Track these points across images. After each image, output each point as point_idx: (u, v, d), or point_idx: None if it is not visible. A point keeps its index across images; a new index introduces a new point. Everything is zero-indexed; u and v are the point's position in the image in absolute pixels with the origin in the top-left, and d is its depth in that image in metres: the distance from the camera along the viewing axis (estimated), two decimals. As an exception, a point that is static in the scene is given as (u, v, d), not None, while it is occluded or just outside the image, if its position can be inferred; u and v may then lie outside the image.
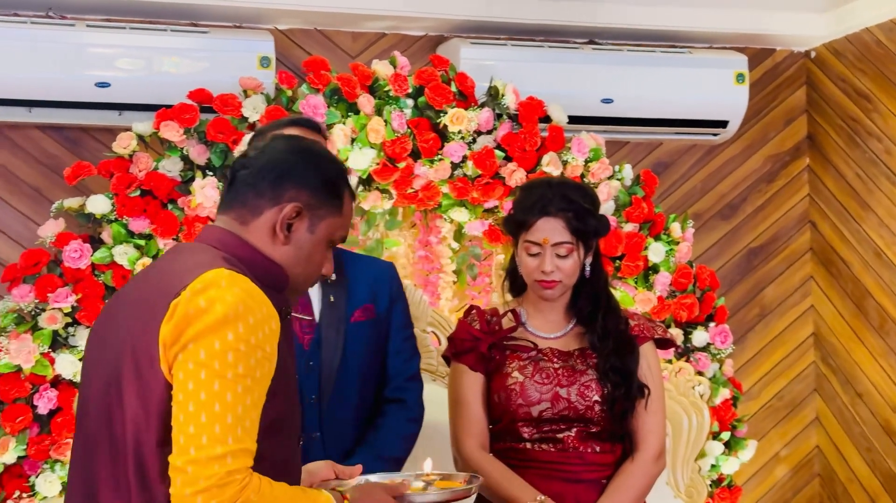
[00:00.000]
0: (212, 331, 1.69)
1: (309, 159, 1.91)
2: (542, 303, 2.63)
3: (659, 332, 2.67)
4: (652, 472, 2.58)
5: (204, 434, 1.66)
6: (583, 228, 2.54)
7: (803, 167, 4.54)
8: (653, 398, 2.58)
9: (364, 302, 2.58)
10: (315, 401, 2.48)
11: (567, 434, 2.55)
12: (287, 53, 3.91)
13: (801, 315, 4.52)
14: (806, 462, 4.52)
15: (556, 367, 2.57)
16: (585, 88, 4.02)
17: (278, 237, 1.87)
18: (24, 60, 3.50)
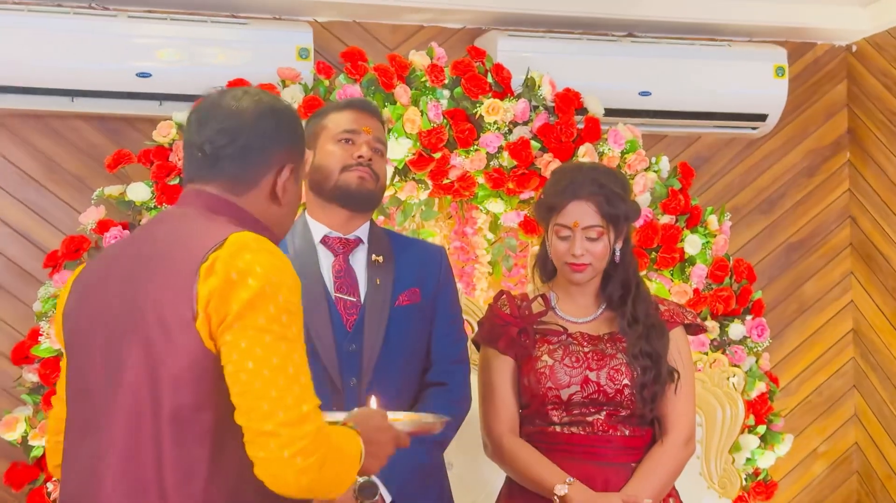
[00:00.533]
0: (264, 296, 1.74)
1: (286, 119, 1.95)
2: (571, 287, 2.63)
3: (689, 318, 2.68)
4: (682, 457, 2.58)
5: (288, 396, 1.72)
6: (613, 212, 2.55)
7: (844, 162, 4.50)
8: (682, 383, 2.58)
9: (410, 286, 2.56)
10: (355, 385, 2.47)
11: (597, 417, 2.55)
12: (326, 45, 3.94)
13: (840, 310, 4.48)
14: (844, 458, 4.48)
15: (585, 351, 2.57)
16: (623, 81, 4.01)
17: (277, 200, 1.93)
18: (67, 50, 3.56)
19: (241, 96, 1.93)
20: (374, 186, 2.53)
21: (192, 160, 1.93)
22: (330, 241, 2.56)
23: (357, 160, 2.51)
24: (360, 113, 2.58)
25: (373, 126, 2.57)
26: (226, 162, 1.90)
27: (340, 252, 2.55)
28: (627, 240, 2.63)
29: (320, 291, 2.50)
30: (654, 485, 2.53)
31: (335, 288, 2.52)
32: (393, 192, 3.60)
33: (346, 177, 2.51)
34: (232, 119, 1.90)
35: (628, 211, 2.59)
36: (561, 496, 2.48)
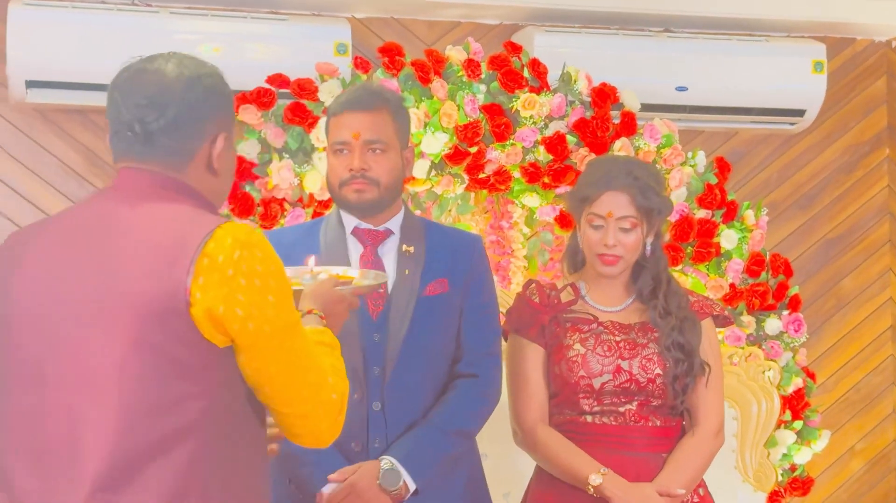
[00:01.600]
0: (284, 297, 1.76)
1: (214, 86, 1.87)
2: (601, 278, 2.64)
3: (717, 310, 2.69)
4: (712, 448, 2.59)
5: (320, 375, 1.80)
6: (647, 205, 2.56)
7: (883, 158, 4.48)
8: (712, 375, 2.59)
9: (438, 276, 2.55)
10: (379, 374, 2.49)
11: (628, 407, 2.56)
12: (363, 41, 3.97)
13: (879, 307, 4.45)
14: (882, 456, 4.45)
15: (617, 340, 2.58)
16: (660, 76, 4.01)
17: (214, 171, 1.87)
18: (109, 46, 3.61)
19: (163, 65, 1.84)
20: (376, 193, 2.51)
21: (122, 139, 1.84)
22: (360, 233, 2.58)
23: (350, 174, 2.51)
24: (350, 115, 2.53)
25: (365, 125, 2.51)
26: (158, 136, 1.81)
27: (370, 243, 2.57)
28: (659, 234, 2.64)
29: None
30: (687, 475, 2.54)
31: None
32: (429, 187, 3.63)
33: (344, 191, 2.53)
34: (158, 91, 1.81)
35: (662, 205, 2.60)
36: (596, 486, 2.48)
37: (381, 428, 2.48)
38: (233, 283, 1.70)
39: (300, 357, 1.78)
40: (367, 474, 2.41)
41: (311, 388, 1.79)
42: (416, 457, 2.44)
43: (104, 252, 1.77)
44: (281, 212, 3.48)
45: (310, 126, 3.46)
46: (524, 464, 3.32)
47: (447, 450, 2.50)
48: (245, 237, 1.74)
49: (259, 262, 1.73)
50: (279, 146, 3.47)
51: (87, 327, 1.74)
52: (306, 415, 1.80)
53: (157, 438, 1.71)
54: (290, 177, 3.44)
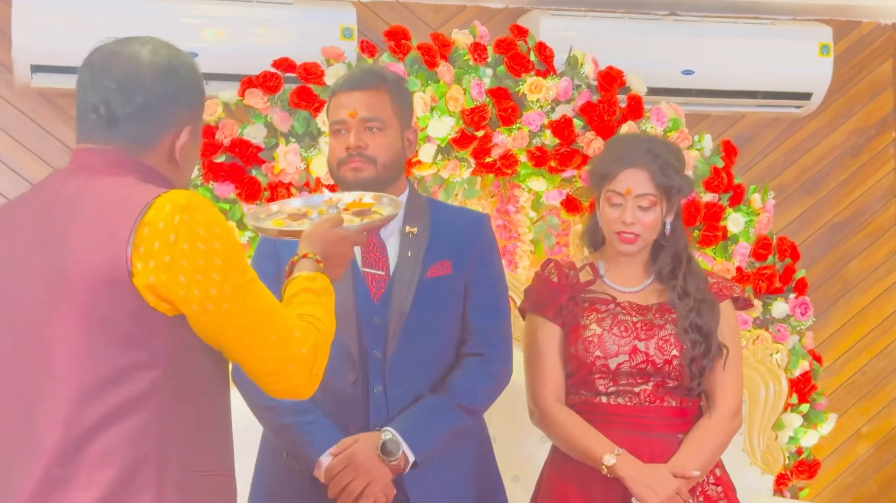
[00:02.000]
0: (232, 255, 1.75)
1: (185, 77, 1.85)
2: (620, 257, 2.62)
3: (737, 292, 2.67)
4: (729, 429, 2.58)
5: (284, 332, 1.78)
6: (667, 183, 2.53)
7: (889, 141, 4.47)
8: (730, 357, 2.58)
9: (442, 257, 2.53)
10: (380, 357, 2.47)
11: (644, 388, 2.55)
12: (369, 25, 3.96)
13: (885, 290, 4.45)
14: (888, 439, 4.46)
15: (634, 321, 2.57)
16: (665, 60, 4.00)
17: (175, 161, 1.85)
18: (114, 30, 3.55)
19: (137, 51, 1.82)
20: (373, 171, 2.49)
21: (86, 120, 1.83)
22: None
23: (347, 152, 2.50)
24: (348, 94, 2.51)
25: (362, 104, 2.49)
26: (123, 122, 1.80)
27: None
28: (679, 214, 2.62)
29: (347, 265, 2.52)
30: (702, 457, 2.53)
31: (363, 262, 2.52)
32: (435, 171, 3.63)
33: (342, 171, 2.51)
34: (128, 77, 1.80)
35: (682, 183, 2.57)
36: (609, 466, 2.48)
37: (383, 411, 2.47)
38: (175, 250, 1.70)
39: (258, 317, 1.77)
40: (366, 445, 2.41)
41: (275, 346, 1.78)
42: (417, 429, 2.44)
43: (53, 229, 1.77)
44: (288, 196, 3.47)
45: (316, 110, 3.46)
46: (533, 447, 3.34)
47: (449, 425, 2.48)
48: (185, 201, 1.72)
49: (201, 226, 1.72)
50: (285, 130, 3.47)
51: (38, 303, 1.76)
52: (277, 372, 1.80)
53: (108, 409, 1.71)
54: (296, 161, 3.43)
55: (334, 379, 2.38)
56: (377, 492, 2.39)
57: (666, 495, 2.46)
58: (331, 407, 2.45)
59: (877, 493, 4.45)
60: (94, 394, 1.72)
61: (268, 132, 3.46)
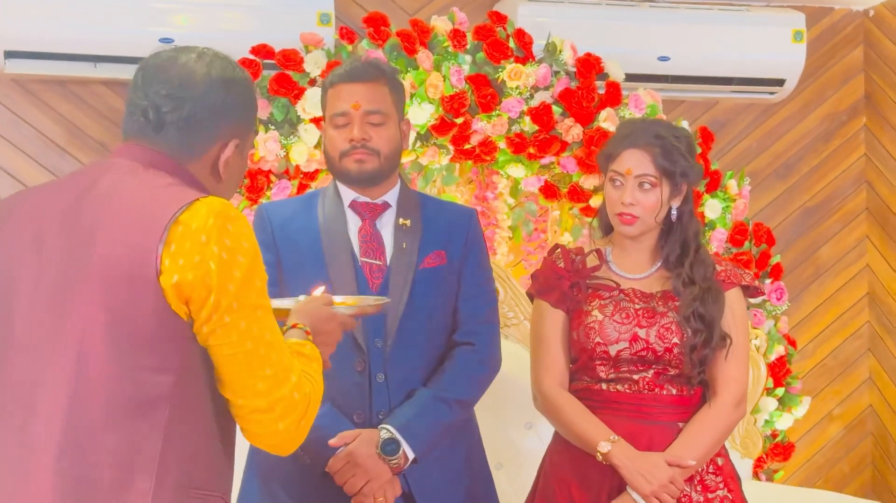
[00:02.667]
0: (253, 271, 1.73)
1: (237, 92, 1.85)
2: (627, 242, 2.61)
3: (746, 280, 2.63)
4: (730, 419, 2.56)
5: (280, 370, 1.74)
6: (669, 166, 2.52)
7: (860, 127, 4.52)
8: (735, 346, 2.55)
9: (436, 248, 2.57)
10: (380, 346, 2.50)
11: (644, 375, 2.54)
12: (346, 11, 3.95)
13: (856, 274, 4.51)
14: (859, 421, 4.53)
15: (636, 308, 2.56)
16: (642, 46, 4.02)
17: (218, 175, 1.85)
18: (89, 16, 3.57)
19: (193, 61, 1.82)
20: (377, 163, 2.51)
21: (134, 121, 1.83)
22: (358, 206, 2.58)
23: (351, 144, 2.50)
24: (349, 86, 2.52)
25: (364, 96, 2.51)
26: (169, 129, 1.80)
27: (367, 216, 2.57)
28: (688, 199, 2.59)
29: (347, 255, 2.53)
30: (700, 446, 2.52)
31: (361, 252, 2.54)
32: (414, 158, 3.62)
33: (345, 163, 2.52)
34: (180, 85, 1.80)
35: (687, 169, 2.54)
36: (604, 453, 2.48)
37: (385, 399, 2.49)
38: (206, 250, 1.68)
39: (257, 344, 1.73)
40: (366, 442, 2.42)
41: (268, 381, 1.73)
42: (415, 426, 2.45)
43: (84, 218, 1.75)
44: (267, 184, 3.46)
45: (295, 97, 3.44)
46: (516, 434, 3.36)
47: (446, 420, 2.51)
48: (220, 208, 1.72)
49: (229, 236, 1.70)
50: (265, 118, 3.45)
51: (58, 291, 1.73)
52: (261, 411, 1.74)
53: (113, 408, 1.69)
54: (276, 148, 3.42)
55: (342, 368, 2.40)
56: (376, 489, 2.41)
57: (659, 483, 2.45)
58: (337, 396, 2.46)
59: (848, 474, 4.53)
60: (100, 391, 1.69)
61: (247, 119, 3.44)
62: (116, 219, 1.73)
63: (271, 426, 1.75)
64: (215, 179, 1.86)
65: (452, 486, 2.56)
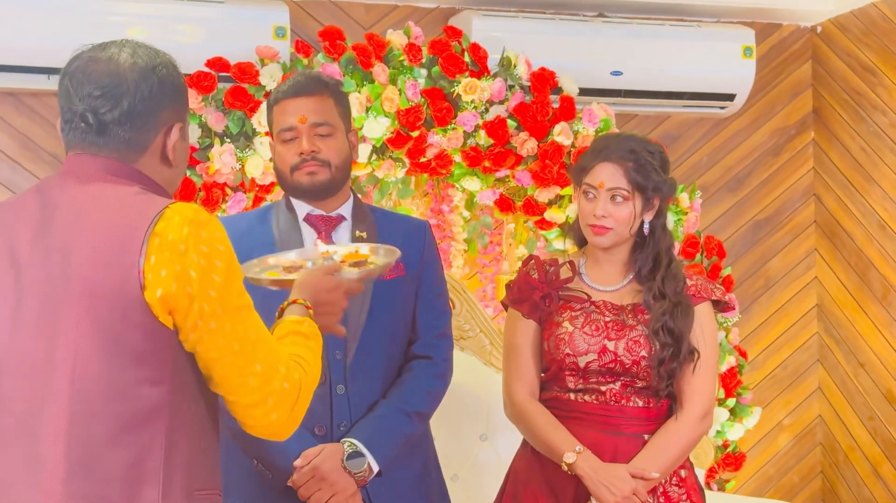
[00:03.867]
0: (232, 273, 1.75)
1: (167, 75, 1.84)
2: (599, 254, 2.64)
3: (717, 295, 2.66)
4: (696, 432, 2.59)
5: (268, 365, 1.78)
6: (641, 181, 2.55)
7: (808, 141, 4.60)
8: (703, 360, 2.57)
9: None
10: (340, 358, 2.51)
11: (611, 387, 2.57)
12: (302, 24, 3.95)
13: (805, 286, 4.58)
14: (808, 431, 4.59)
15: (606, 320, 2.59)
16: (595, 61, 4.06)
17: (168, 162, 1.86)
18: (42, 28, 3.55)
19: (116, 55, 1.81)
20: (328, 174, 2.52)
21: (74, 129, 1.81)
22: (313, 219, 2.58)
23: (301, 157, 2.51)
24: (294, 101, 2.52)
25: (310, 109, 2.51)
26: (112, 128, 1.79)
27: (323, 229, 2.57)
28: (661, 213, 2.63)
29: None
30: (664, 459, 2.54)
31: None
32: (370, 171, 3.64)
33: (296, 176, 2.52)
34: (110, 83, 1.78)
35: (660, 183, 2.57)
36: (569, 464, 2.51)
37: (346, 411, 2.50)
38: (185, 260, 1.70)
39: (243, 343, 1.76)
40: (330, 456, 2.43)
41: (258, 378, 1.77)
42: (379, 439, 2.47)
43: (57, 238, 1.75)
44: (223, 197, 3.46)
45: (251, 110, 3.44)
46: (471, 445, 3.38)
47: (408, 432, 2.53)
48: (192, 215, 1.73)
49: (205, 242, 1.72)
50: (220, 131, 3.45)
51: (40, 314, 1.73)
52: (254, 405, 1.78)
53: (114, 425, 1.71)
54: (231, 161, 3.42)
55: None
56: (341, 502, 2.41)
57: (622, 495, 2.48)
58: None
59: (798, 483, 4.59)
60: (101, 408, 1.71)
61: (202, 132, 3.44)
62: (90, 237, 1.73)
63: (265, 418, 1.79)
64: (166, 167, 1.86)
65: (410, 497, 2.57)
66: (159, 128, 1.84)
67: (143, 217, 1.72)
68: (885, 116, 4.29)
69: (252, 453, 2.48)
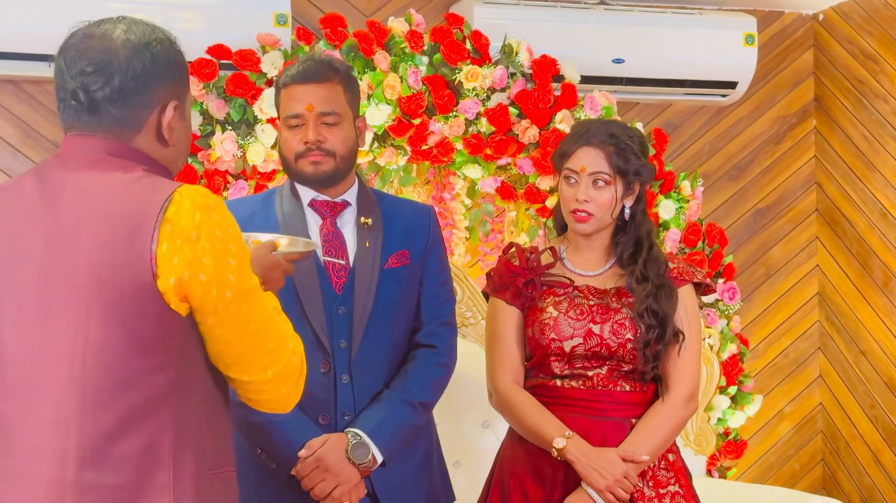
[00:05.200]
0: (243, 258, 1.75)
1: (162, 52, 1.80)
2: (581, 240, 2.65)
3: (698, 277, 2.68)
4: (682, 415, 2.60)
5: (279, 341, 1.80)
6: (622, 164, 2.56)
7: (810, 129, 4.59)
8: (687, 342, 2.59)
9: (399, 248, 2.56)
10: (345, 347, 2.49)
11: (598, 372, 2.57)
12: (303, 12, 3.95)
13: (806, 274, 4.58)
14: (809, 419, 4.60)
15: (590, 304, 2.59)
16: (597, 49, 4.05)
17: (164, 140, 1.81)
18: (41, 15, 3.54)
19: (110, 31, 1.77)
20: (332, 164, 2.50)
21: (67, 108, 1.78)
22: (317, 205, 2.56)
23: (306, 146, 2.49)
24: (302, 87, 2.49)
25: (318, 97, 2.48)
26: (104, 106, 1.76)
27: (328, 215, 2.56)
28: (641, 199, 2.64)
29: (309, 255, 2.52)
30: (653, 441, 2.55)
31: (323, 251, 2.52)
32: (372, 158, 3.63)
33: (300, 164, 2.51)
34: (103, 58, 1.74)
35: (640, 168, 2.59)
36: (559, 449, 2.51)
37: (350, 400, 2.49)
38: (197, 247, 1.68)
39: (259, 324, 1.76)
40: (334, 447, 2.42)
41: (270, 356, 1.78)
42: (383, 429, 2.46)
43: (58, 224, 1.72)
44: (224, 184, 3.45)
45: (252, 98, 3.44)
46: (473, 432, 3.38)
47: (412, 422, 2.52)
48: (202, 200, 1.71)
49: (217, 226, 1.71)
50: (221, 118, 3.44)
51: (45, 302, 1.71)
52: (267, 381, 1.79)
53: (123, 415, 1.69)
54: (233, 149, 3.41)
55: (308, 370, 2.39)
56: (345, 492, 2.41)
57: (613, 478, 2.48)
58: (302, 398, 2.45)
59: (799, 471, 4.60)
60: (111, 396, 1.69)
61: (203, 120, 3.43)
62: (97, 224, 1.70)
63: (275, 392, 1.82)
64: (162, 146, 1.82)
65: (413, 485, 2.57)
66: (153, 105, 1.79)
67: (153, 203, 1.69)
68: (886, 104, 4.28)
69: (255, 443, 2.47)
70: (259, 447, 2.47)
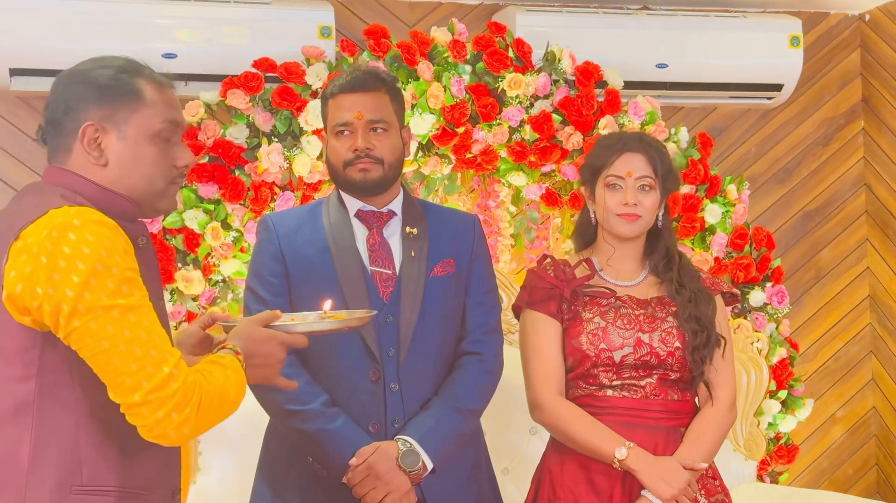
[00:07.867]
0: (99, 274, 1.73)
1: (78, 78, 1.88)
2: (616, 250, 2.65)
3: (724, 287, 2.71)
4: (728, 420, 2.61)
5: (148, 364, 1.74)
6: (663, 168, 2.60)
7: (858, 130, 4.55)
8: (727, 347, 2.62)
9: (445, 256, 2.58)
10: (393, 355, 2.51)
11: (648, 381, 2.57)
12: (346, 24, 3.98)
13: (856, 277, 4.54)
14: (862, 423, 4.55)
15: (636, 314, 2.59)
16: (640, 54, 4.05)
17: (95, 161, 1.86)
18: (93, 33, 3.60)
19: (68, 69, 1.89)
20: (381, 172, 2.53)
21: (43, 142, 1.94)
22: (364, 215, 2.59)
23: (355, 154, 2.52)
24: (350, 96, 2.53)
25: (366, 106, 2.52)
26: (48, 138, 1.89)
27: (374, 225, 2.58)
28: (667, 209, 2.67)
29: (356, 265, 2.54)
30: (707, 448, 2.56)
31: (370, 261, 2.55)
32: (416, 168, 3.66)
33: (349, 172, 2.53)
34: (50, 94, 1.89)
35: (675, 174, 2.65)
36: (621, 459, 2.49)
37: (399, 408, 2.51)
38: (34, 262, 1.73)
39: (117, 342, 1.73)
40: (385, 455, 2.44)
41: (134, 377, 1.73)
42: (433, 436, 2.48)
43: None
44: (271, 196, 3.49)
45: (298, 110, 3.47)
46: (521, 439, 3.38)
47: (461, 429, 2.54)
48: (63, 219, 1.75)
49: (68, 244, 1.73)
50: (267, 130, 3.48)
51: None
52: (136, 405, 1.74)
53: None
54: (279, 160, 3.45)
55: (357, 378, 2.45)
56: (396, 500, 2.43)
57: (678, 487, 2.47)
58: (352, 406, 2.48)
59: (852, 476, 4.54)
60: None
61: (250, 132, 3.48)
62: None
63: (149, 418, 1.74)
64: (100, 167, 1.87)
65: (462, 492, 2.58)
66: (74, 128, 1.86)
67: (17, 222, 1.78)
68: (936, 104, 4.24)
69: (307, 451, 2.50)
70: (311, 456, 2.50)
